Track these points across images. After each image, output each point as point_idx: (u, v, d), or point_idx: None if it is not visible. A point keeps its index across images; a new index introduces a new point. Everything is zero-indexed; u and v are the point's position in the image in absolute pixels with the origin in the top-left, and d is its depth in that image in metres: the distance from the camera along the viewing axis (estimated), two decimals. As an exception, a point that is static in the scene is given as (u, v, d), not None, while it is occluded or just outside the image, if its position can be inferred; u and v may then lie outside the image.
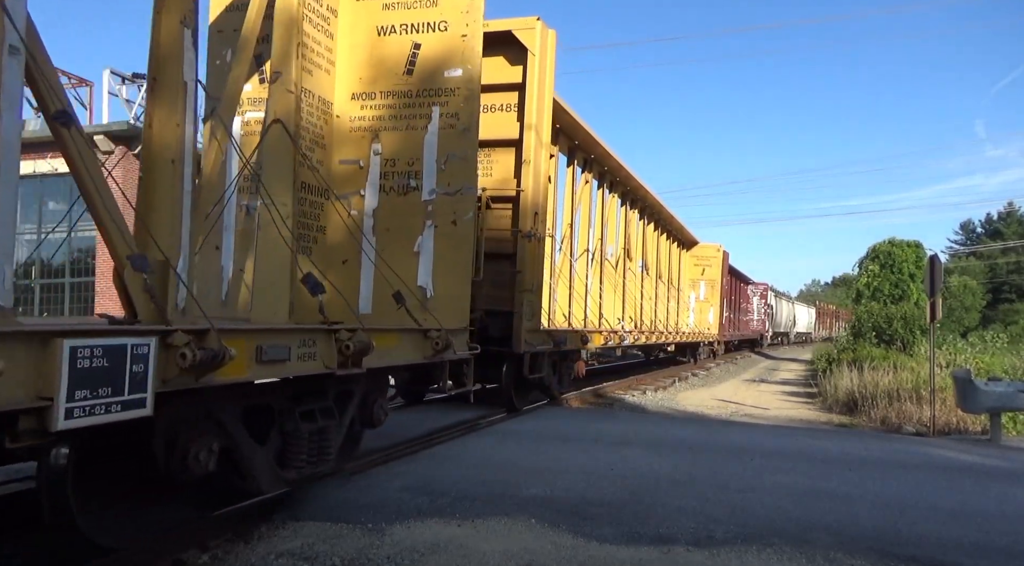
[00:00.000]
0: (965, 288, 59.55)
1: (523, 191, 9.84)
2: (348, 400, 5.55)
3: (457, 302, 6.53)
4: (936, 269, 11.87)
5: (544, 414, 10.66)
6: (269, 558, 4.17)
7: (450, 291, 6.51)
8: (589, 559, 4.26)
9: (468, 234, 6.55)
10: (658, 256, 19.95)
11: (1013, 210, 71.94)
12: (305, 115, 6.39)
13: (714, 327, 25.69)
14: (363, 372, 5.04)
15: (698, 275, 25.36)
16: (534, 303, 9.82)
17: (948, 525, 5.18)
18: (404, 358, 5.80)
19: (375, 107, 6.92)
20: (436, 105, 6.72)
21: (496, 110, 10.22)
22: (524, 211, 9.84)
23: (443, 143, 6.64)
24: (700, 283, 25.37)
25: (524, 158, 9.89)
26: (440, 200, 6.60)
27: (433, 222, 6.60)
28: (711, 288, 25.60)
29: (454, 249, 6.53)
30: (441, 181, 6.62)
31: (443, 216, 6.58)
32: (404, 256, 6.57)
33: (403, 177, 6.77)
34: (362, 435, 6.10)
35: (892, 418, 12.38)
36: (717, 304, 25.71)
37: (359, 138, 6.93)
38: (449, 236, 6.53)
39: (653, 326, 18.48)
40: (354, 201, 6.85)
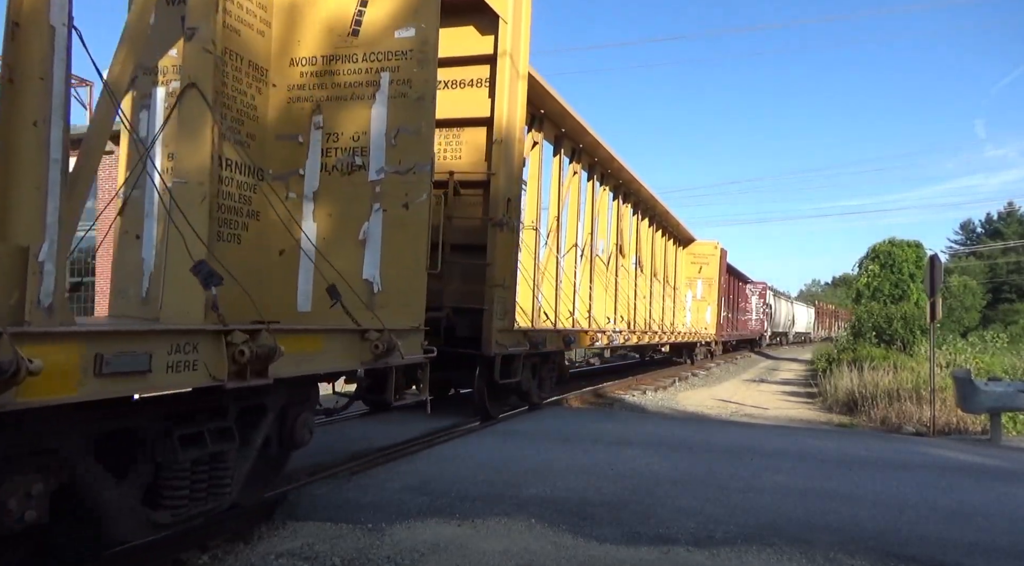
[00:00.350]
0: (965, 288, 59.57)
1: (494, 174, 8.89)
2: (259, 417, 4.56)
3: (409, 298, 5.71)
4: (936, 269, 11.88)
5: (544, 414, 10.65)
6: (269, 558, 4.17)
7: (401, 285, 5.70)
8: (589, 559, 4.26)
9: (422, 219, 5.72)
10: (653, 253, 19.33)
11: (1013, 210, 71.99)
12: (231, 81, 5.55)
13: (711, 327, 25.12)
14: (269, 383, 4.05)
15: (695, 273, 24.66)
16: (506, 300, 8.95)
17: (948, 525, 5.18)
18: (332, 365, 4.91)
19: (316, 74, 6.08)
20: (385, 71, 5.91)
21: (465, 86, 9.37)
22: (495, 197, 8.87)
23: (393, 115, 5.85)
24: (697, 282, 24.72)
25: (495, 137, 8.96)
26: (390, 180, 5.78)
27: (381, 205, 5.77)
28: (708, 287, 24.97)
29: (406, 237, 5.73)
30: (391, 158, 5.81)
31: (393, 199, 5.77)
32: (348, 245, 5.79)
33: (347, 154, 5.95)
34: (287, 457, 5.13)
35: (892, 418, 12.39)
36: (715, 303, 25.14)
37: (298, 110, 6.07)
38: (400, 222, 5.73)
39: (647, 326, 17.89)
40: (292, 182, 6.01)
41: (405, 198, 5.78)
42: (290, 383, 4.55)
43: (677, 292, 22.32)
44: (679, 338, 21.83)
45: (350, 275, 5.57)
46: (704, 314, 24.91)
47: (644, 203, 18.08)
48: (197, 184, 4.89)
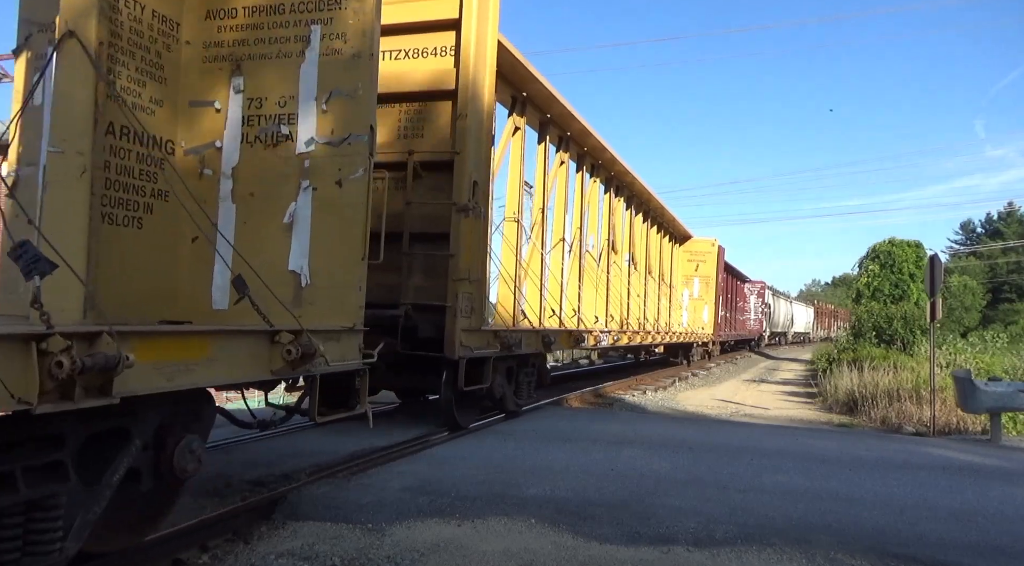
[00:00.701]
0: (965, 288, 59.54)
1: (458, 153, 7.90)
2: (119, 445, 3.52)
3: (342, 293, 4.92)
4: (936, 269, 11.88)
5: (544, 414, 10.65)
6: (269, 558, 4.17)
7: (333, 278, 4.93)
8: (589, 559, 4.26)
9: (358, 199, 4.93)
10: (647, 250, 18.48)
11: (1013, 210, 71.93)
12: (128, 33, 4.73)
13: (709, 326, 24.45)
14: (113, 402, 3.10)
15: (692, 271, 23.85)
16: (473, 296, 7.97)
17: (948, 525, 5.18)
18: (226, 375, 3.94)
19: (236, 28, 5.25)
20: (316, 23, 5.11)
21: (428, 54, 8.35)
22: (460, 179, 7.88)
23: (325, 75, 5.04)
24: (694, 280, 23.93)
25: (459, 111, 7.94)
26: (321, 153, 5.02)
27: (311, 183, 5.00)
28: (705, 285, 24.19)
29: (339, 220, 4.95)
30: (323, 127, 5.03)
31: (324, 175, 4.99)
32: (272, 230, 5.02)
33: (272, 122, 5.13)
34: (175, 491, 4.10)
35: (892, 418, 12.39)
36: (712, 302, 24.44)
37: (216, 71, 5.24)
38: (333, 202, 4.96)
39: (640, 325, 17.10)
40: (208, 157, 5.18)
41: (339, 174, 4.97)
42: (168, 399, 3.67)
43: (673, 291, 21.60)
44: (675, 338, 21.12)
45: (273, 266, 4.83)
46: (701, 313, 24.23)
47: (638, 197, 17.27)
48: (75, 154, 4.22)
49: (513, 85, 9.88)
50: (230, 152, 5.22)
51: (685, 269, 23.68)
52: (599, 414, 11.71)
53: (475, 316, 8.00)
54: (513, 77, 9.69)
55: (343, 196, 4.97)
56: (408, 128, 8.44)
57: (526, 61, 9.47)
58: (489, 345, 8.39)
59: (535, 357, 10.40)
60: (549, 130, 11.46)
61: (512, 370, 9.60)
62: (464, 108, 7.94)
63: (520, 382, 9.95)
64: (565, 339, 11.84)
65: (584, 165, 13.39)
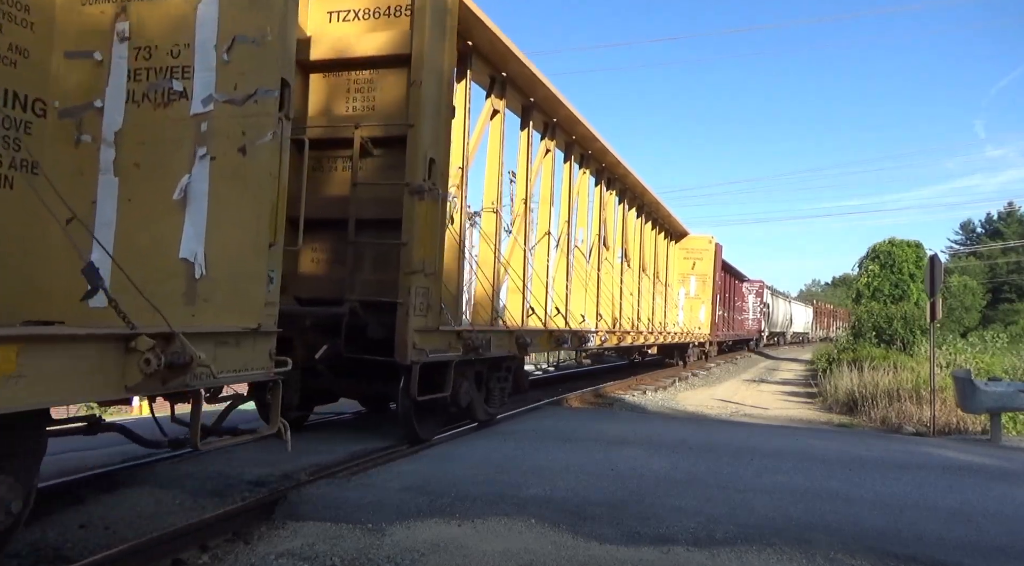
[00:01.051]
0: (965, 288, 59.55)
1: (412, 126, 6.90)
2: None
3: (245, 286, 4.11)
4: (936, 269, 11.88)
5: (544, 414, 10.65)
6: (269, 558, 4.17)
7: (235, 268, 4.12)
8: (589, 559, 4.26)
9: (266, 170, 4.15)
10: (642, 246, 17.75)
11: (1013, 210, 71.95)
12: None
13: (706, 326, 23.78)
14: None
15: (688, 269, 23.17)
16: (430, 292, 7.03)
17: (948, 525, 5.18)
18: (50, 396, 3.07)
19: None
20: None
21: (380, 15, 7.43)
22: (413, 156, 6.92)
23: (227, 17, 4.25)
24: (690, 278, 23.19)
25: (413, 77, 6.97)
26: (221, 114, 4.20)
27: (209, 151, 4.19)
28: (702, 283, 23.47)
29: (243, 196, 4.13)
30: (224, 81, 4.20)
31: (225, 140, 4.19)
32: (161, 209, 4.20)
33: (163, 77, 4.31)
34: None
35: (892, 418, 12.40)
36: (709, 301, 23.75)
37: (96, 16, 4.42)
38: (235, 174, 4.14)
39: (633, 325, 16.43)
40: (87, 120, 4.37)
41: (242, 139, 4.15)
42: None
43: (669, 289, 20.88)
44: (671, 338, 20.43)
45: (162, 253, 4.12)
46: (698, 313, 23.50)
47: (631, 191, 16.43)
48: None
49: (491, 64, 9.08)
50: (112, 113, 4.37)
51: (681, 267, 23.10)
52: (599, 414, 11.71)
53: (432, 314, 7.06)
54: (492, 55, 8.88)
55: (248, 166, 4.15)
56: (358, 100, 7.48)
57: (505, 37, 8.61)
58: (451, 347, 7.42)
59: (509, 360, 9.37)
60: (533, 115, 10.63)
61: (482, 375, 8.62)
62: (418, 74, 6.94)
63: (491, 388, 8.97)
64: (545, 340, 10.96)
65: (572, 155, 12.61)
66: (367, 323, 6.94)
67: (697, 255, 23.53)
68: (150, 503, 5.18)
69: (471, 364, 8.09)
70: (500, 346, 8.75)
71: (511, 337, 9.13)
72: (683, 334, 22.13)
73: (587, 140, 12.88)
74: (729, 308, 30.67)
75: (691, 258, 23.41)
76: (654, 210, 18.95)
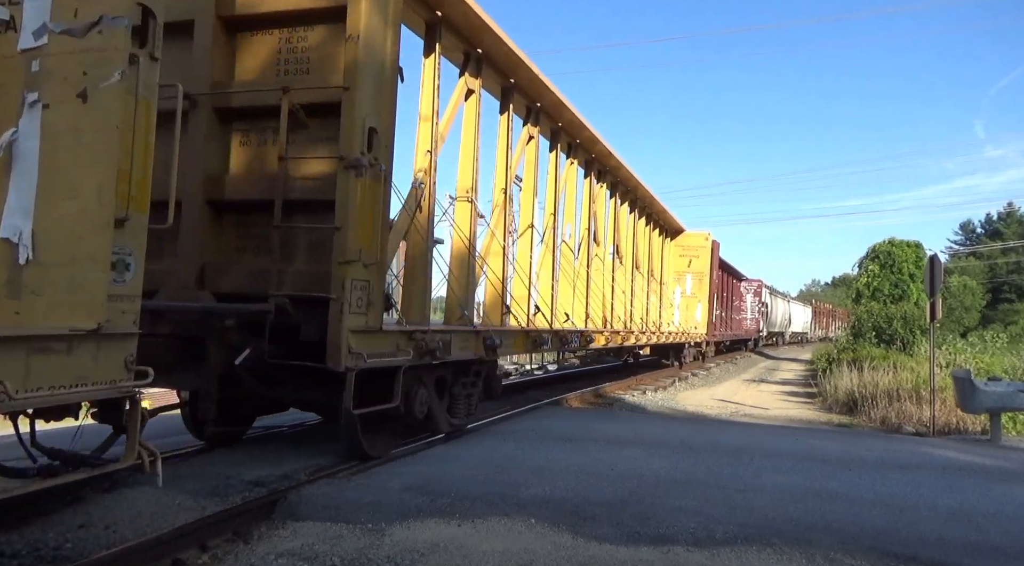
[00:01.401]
0: (965, 288, 59.57)
1: (347, 89, 5.89)
2: None
3: (83, 273, 3.30)
4: (936, 269, 11.89)
5: (544, 414, 10.65)
6: (269, 558, 4.17)
7: (70, 250, 3.28)
8: (589, 559, 4.26)
9: (112, 119, 3.33)
10: (635, 243, 17.12)
11: (1013, 210, 72.00)
12: None
13: (702, 326, 23.10)
14: None
15: (684, 267, 22.48)
16: (371, 286, 6.02)
17: (948, 525, 5.18)
18: None
19: None
20: None
21: None
22: (349, 124, 5.91)
23: None
24: (686, 276, 22.50)
25: (350, 32, 6.01)
26: (58, 48, 3.35)
27: (41, 96, 3.33)
28: (699, 282, 22.73)
29: (83, 154, 3.29)
30: (61, 7, 3.37)
31: (62, 83, 3.33)
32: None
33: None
34: None
35: (892, 418, 12.40)
36: (706, 300, 23.08)
37: None
38: (74, 127, 3.29)
39: (626, 324, 15.74)
40: None
41: (83, 81, 3.30)
42: None
43: (664, 288, 20.24)
44: (666, 338, 19.66)
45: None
46: (694, 312, 22.73)
47: (624, 184, 15.68)
48: None
49: (464, 38, 8.29)
50: None
51: (677, 265, 22.41)
52: (599, 414, 11.72)
53: (373, 312, 6.06)
54: (465, 28, 8.06)
55: (90, 117, 3.30)
56: (287, 62, 6.53)
57: (480, 9, 7.81)
58: (399, 350, 6.49)
59: (479, 364, 8.40)
60: (513, 98, 9.82)
61: (445, 381, 7.70)
62: (355, 27, 5.99)
63: (457, 396, 7.98)
64: (521, 342, 9.87)
65: (559, 143, 11.80)
66: (300, 323, 5.93)
67: (693, 252, 22.79)
68: (150, 503, 5.18)
69: (431, 369, 7.23)
70: (464, 348, 7.83)
71: (477, 338, 8.17)
72: (679, 334, 21.43)
73: (575, 128, 12.01)
74: (727, 308, 30.17)
75: (687, 255, 22.69)
76: (648, 205, 18.32)
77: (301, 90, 6.19)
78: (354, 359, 5.77)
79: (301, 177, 6.23)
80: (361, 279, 5.93)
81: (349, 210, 5.83)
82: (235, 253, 6.59)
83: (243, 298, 6.02)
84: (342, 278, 5.76)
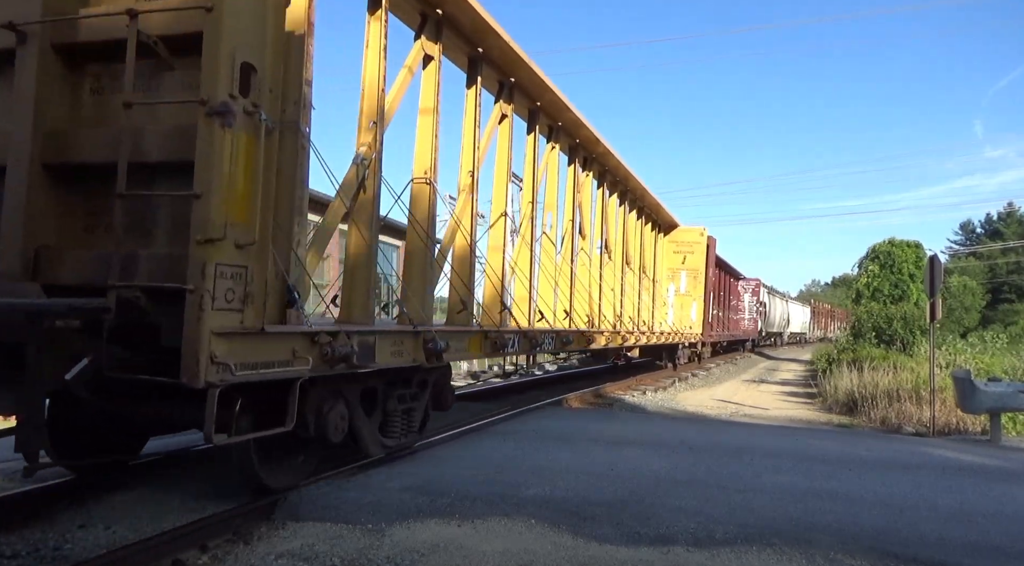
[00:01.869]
0: (965, 288, 59.67)
1: (210, 11, 4.34)
2: None
3: None
4: (936, 269, 11.90)
5: (544, 414, 10.65)
6: (269, 558, 4.17)
7: None
8: (589, 559, 4.26)
9: None
10: (625, 237, 16.00)
11: (1013, 210, 72.12)
12: None
13: (697, 325, 22.05)
14: None
15: (678, 264, 21.45)
16: (249, 272, 4.54)
17: (948, 525, 5.18)
18: None
19: None
20: None
21: None
22: (212, 57, 4.37)
23: None
24: (680, 273, 21.47)
25: None
26: None
27: None
28: (693, 279, 21.71)
29: None
30: None
31: None
32: None
33: None
34: None
35: (892, 418, 12.41)
36: (701, 298, 22.06)
37: None
38: None
39: (614, 324, 14.57)
40: None
41: None
42: None
43: (656, 285, 19.15)
44: (658, 339, 18.47)
45: None
46: (689, 311, 21.67)
47: (612, 174, 14.47)
48: None
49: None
50: None
51: (671, 261, 21.26)
52: (599, 414, 11.72)
53: (252, 309, 4.56)
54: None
55: None
56: None
57: None
58: (295, 358, 4.91)
59: (424, 372, 6.95)
60: (482, 71, 8.57)
61: (375, 394, 6.31)
62: None
63: (392, 412, 6.54)
64: (476, 343, 8.20)
65: (537, 124, 10.62)
66: (160, 323, 4.40)
67: (688, 248, 21.64)
68: (150, 503, 5.18)
69: (353, 380, 5.84)
70: (396, 353, 6.28)
71: (416, 341, 6.57)
72: (672, 334, 20.24)
73: (556, 109, 10.66)
74: (724, 307, 29.29)
75: (681, 252, 21.55)
76: (640, 197, 17.02)
77: (154, 14, 4.61)
78: (219, 372, 4.23)
79: (161, 132, 4.62)
80: (231, 264, 4.42)
81: (213, 171, 4.29)
82: (84, 233, 4.95)
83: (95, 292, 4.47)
84: (202, 262, 4.22)
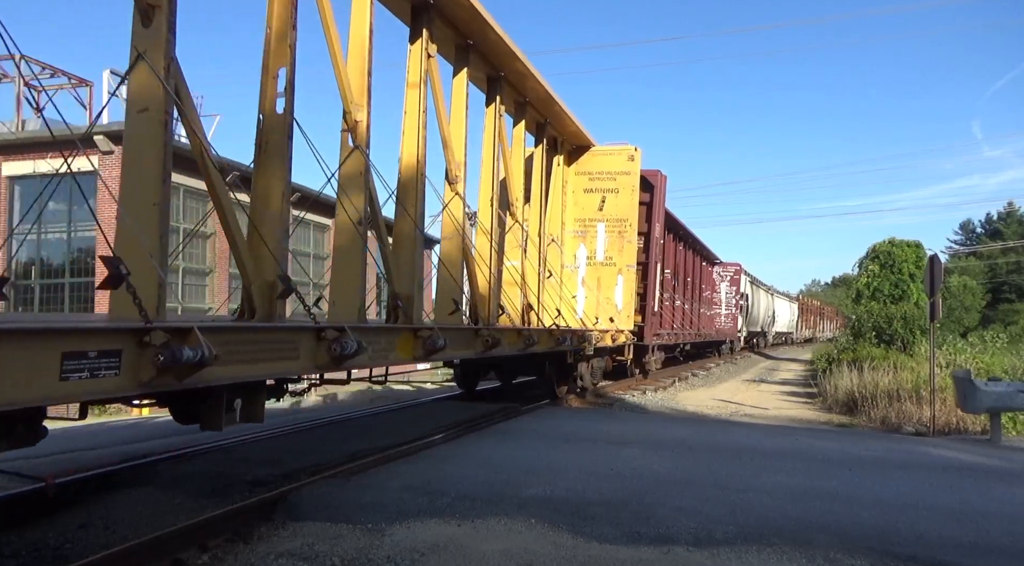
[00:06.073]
0: (965, 288, 59.57)
1: None
2: None
3: None
4: (936, 269, 11.89)
5: (544, 414, 10.64)
6: (269, 558, 4.17)
7: None
8: (589, 559, 4.26)
9: None
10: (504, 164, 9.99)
11: (1013, 210, 72.04)
12: None
13: (626, 316, 13.86)
14: None
15: (593, 211, 13.56)
16: None
17: (948, 525, 5.18)
18: None
19: None
20: None
21: None
22: None
23: None
24: (597, 226, 13.53)
25: None
26: None
27: None
28: (619, 236, 13.59)
29: None
30: None
31: None
32: None
33: None
34: None
35: (892, 418, 12.40)
36: (634, 270, 14.08)
37: None
38: None
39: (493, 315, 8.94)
40: None
41: None
42: None
43: (553, 246, 12.42)
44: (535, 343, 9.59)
45: None
46: (612, 292, 13.67)
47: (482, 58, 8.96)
48: None
49: None
50: None
51: (581, 204, 13.64)
52: (599, 414, 11.71)
53: None
54: None
55: None
56: None
57: None
58: None
59: None
60: None
61: None
62: None
63: None
64: None
65: None
66: None
67: (609, 184, 13.62)
68: (150, 503, 5.18)
69: None
70: None
71: None
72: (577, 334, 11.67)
73: None
74: (692, 297, 21.93)
75: (599, 191, 13.60)
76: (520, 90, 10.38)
77: None
78: None
79: None
80: None
81: None
82: None
83: None
84: None
